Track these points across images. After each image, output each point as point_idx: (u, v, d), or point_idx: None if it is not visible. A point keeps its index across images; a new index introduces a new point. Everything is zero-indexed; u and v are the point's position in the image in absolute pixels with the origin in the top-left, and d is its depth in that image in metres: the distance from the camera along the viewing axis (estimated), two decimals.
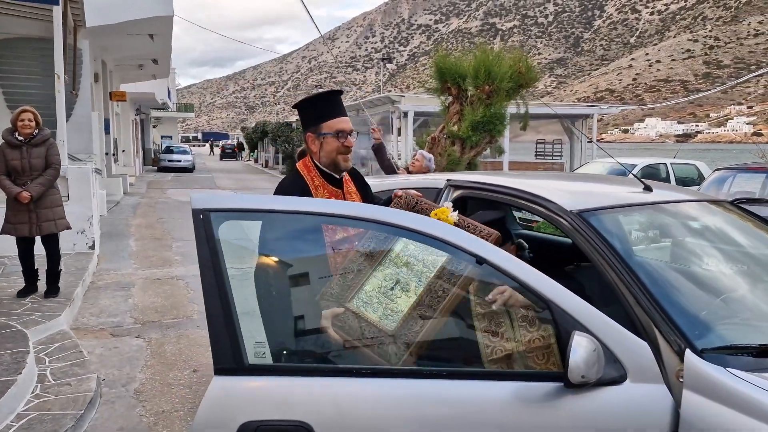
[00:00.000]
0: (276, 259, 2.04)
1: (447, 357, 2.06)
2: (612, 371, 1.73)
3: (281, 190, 2.42)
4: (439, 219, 2.20)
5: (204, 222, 1.80)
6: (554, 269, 2.39)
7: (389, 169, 5.61)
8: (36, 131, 5.56)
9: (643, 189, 2.64)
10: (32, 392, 3.80)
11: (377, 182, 3.80)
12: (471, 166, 11.52)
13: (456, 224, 2.21)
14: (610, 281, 2.07)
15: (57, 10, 7.92)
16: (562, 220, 2.29)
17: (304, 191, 2.36)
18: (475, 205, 3.31)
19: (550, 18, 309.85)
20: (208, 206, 1.83)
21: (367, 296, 1.90)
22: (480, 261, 1.83)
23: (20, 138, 5.48)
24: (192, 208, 1.82)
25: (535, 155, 18.11)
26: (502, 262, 1.81)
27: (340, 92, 2.58)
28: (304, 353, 1.92)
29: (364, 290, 1.92)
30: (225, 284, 1.76)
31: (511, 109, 11.83)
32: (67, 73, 8.96)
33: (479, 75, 11.14)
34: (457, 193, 2.95)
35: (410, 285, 1.93)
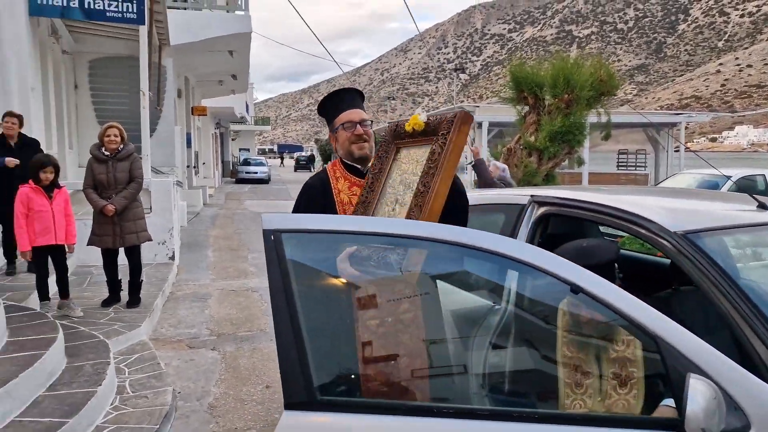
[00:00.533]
0: (347, 282, 1.92)
1: (522, 393, 1.88)
2: (734, 421, 1.49)
3: (305, 186, 2.51)
4: (413, 125, 2.19)
5: (275, 243, 1.69)
6: (645, 293, 2.16)
7: (490, 185, 5.48)
8: (121, 146, 5.75)
9: (758, 207, 2.36)
10: (111, 404, 3.86)
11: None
12: (548, 178, 11.13)
13: (427, 123, 2.17)
14: (724, 312, 1.83)
15: (143, 30, 8.25)
16: (664, 242, 2.06)
17: (323, 182, 2.44)
18: (560, 223, 3.08)
19: (631, 24, 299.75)
20: (280, 227, 1.73)
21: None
22: (575, 290, 1.63)
23: (106, 153, 5.69)
24: (263, 229, 1.73)
25: (617, 166, 17.34)
26: (603, 292, 1.61)
27: (352, 89, 2.58)
28: (380, 387, 1.78)
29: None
30: (296, 311, 1.65)
31: (591, 118, 11.38)
32: (151, 90, 9.33)
33: (558, 84, 10.77)
34: (542, 210, 2.75)
35: None
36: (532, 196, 2.81)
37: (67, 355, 4.31)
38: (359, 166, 2.43)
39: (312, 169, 50.91)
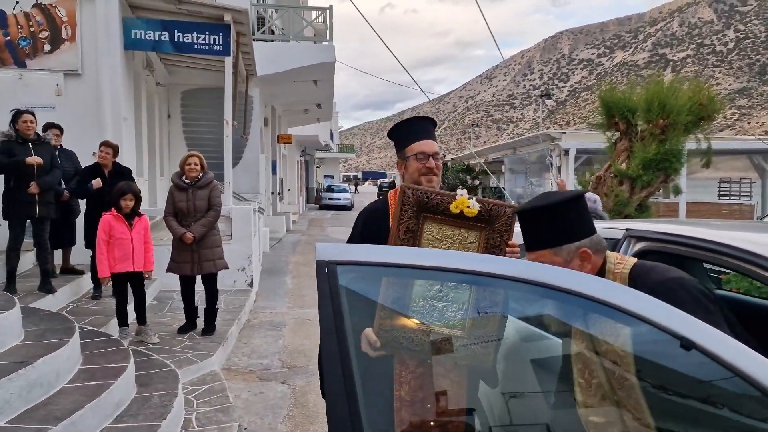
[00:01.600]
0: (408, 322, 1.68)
1: None
2: None
3: (364, 210, 2.46)
4: (461, 211, 1.95)
5: (329, 276, 1.47)
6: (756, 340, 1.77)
7: None
8: (201, 174, 5.82)
9: None
10: None
11: None
12: (642, 208, 10.43)
13: (480, 212, 1.95)
14: None
15: (228, 61, 8.47)
16: None
17: (379, 211, 2.36)
18: (660, 261, 2.69)
19: (731, 45, 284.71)
20: (335, 258, 1.50)
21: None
22: (686, 345, 1.30)
23: (186, 181, 5.77)
24: (316, 260, 1.51)
25: (719, 195, 16.11)
26: (721, 348, 1.28)
27: (426, 119, 2.49)
28: None
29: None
30: (348, 354, 1.41)
31: (689, 144, 10.62)
32: (237, 119, 9.56)
33: (652, 108, 10.13)
34: (640, 245, 2.40)
35: None
36: (627, 230, 2.47)
37: (138, 384, 4.29)
38: None
39: None
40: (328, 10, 13.07)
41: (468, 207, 1.98)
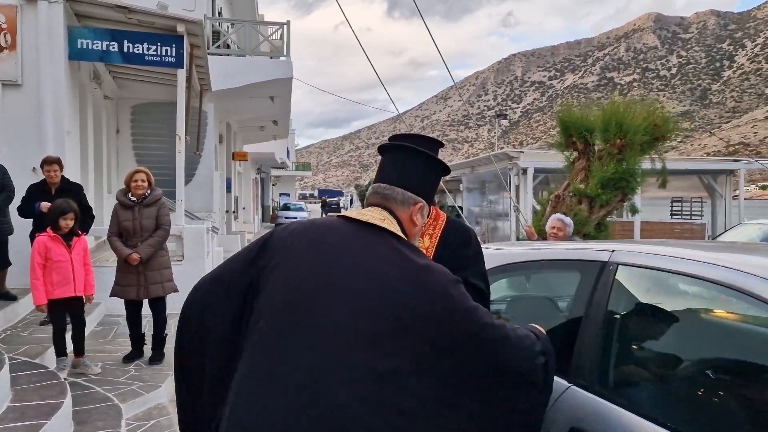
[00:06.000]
0: None
1: None
2: None
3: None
4: None
5: None
6: None
7: None
8: (148, 191, 5.46)
9: None
10: None
11: (511, 250, 3.13)
12: (600, 227, 10.49)
13: None
14: None
15: (181, 73, 8.13)
16: None
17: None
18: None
19: (674, 70, 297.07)
20: None
21: None
22: None
23: (132, 198, 5.40)
24: None
25: (671, 214, 16.45)
26: None
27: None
28: None
29: None
30: None
31: (644, 164, 10.77)
32: (189, 134, 9.17)
33: (609, 128, 10.23)
34: (626, 272, 2.22)
35: None
36: (613, 251, 2.30)
37: (76, 422, 3.91)
38: None
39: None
40: (285, 26, 12.85)
41: None
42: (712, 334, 2.21)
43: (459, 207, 20.48)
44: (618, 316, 2.19)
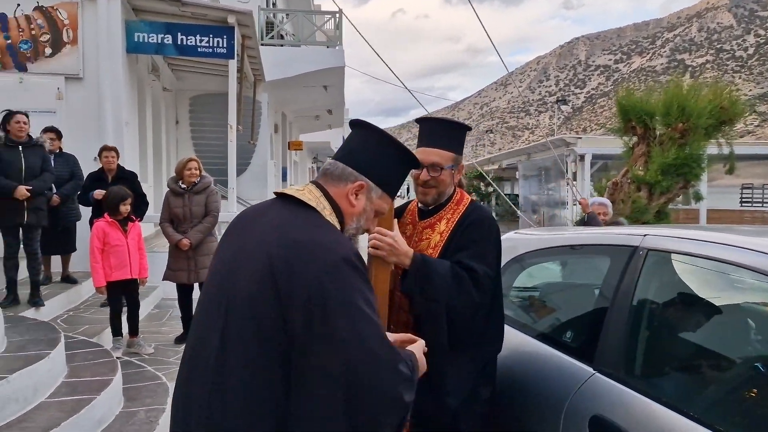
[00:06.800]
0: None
1: None
2: None
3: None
4: None
5: None
6: None
7: None
8: (197, 179, 5.61)
9: None
10: None
11: (552, 235, 3.06)
12: (660, 215, 10.09)
13: None
14: None
15: (232, 64, 8.30)
16: None
17: (402, 209, 2.32)
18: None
19: (751, 51, 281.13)
20: None
21: None
22: None
23: (183, 186, 5.57)
24: None
25: (740, 202, 15.63)
26: None
27: (444, 121, 2.19)
28: None
29: None
30: None
31: (710, 149, 10.26)
32: (242, 124, 9.37)
33: (671, 112, 9.81)
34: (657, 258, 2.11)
35: None
36: (645, 235, 2.20)
37: (126, 398, 4.08)
38: (422, 206, 2.24)
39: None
40: (337, 14, 12.90)
41: None
42: (750, 325, 2.08)
43: (515, 195, 20.13)
44: (647, 303, 2.10)
